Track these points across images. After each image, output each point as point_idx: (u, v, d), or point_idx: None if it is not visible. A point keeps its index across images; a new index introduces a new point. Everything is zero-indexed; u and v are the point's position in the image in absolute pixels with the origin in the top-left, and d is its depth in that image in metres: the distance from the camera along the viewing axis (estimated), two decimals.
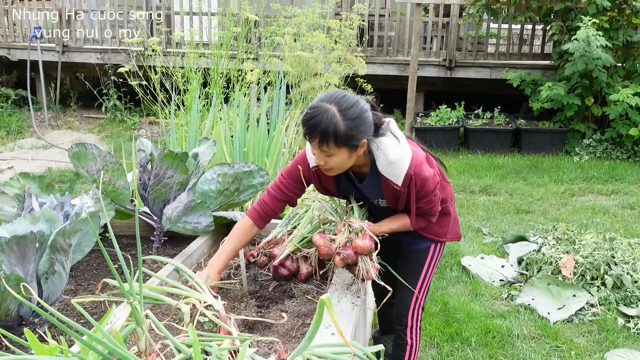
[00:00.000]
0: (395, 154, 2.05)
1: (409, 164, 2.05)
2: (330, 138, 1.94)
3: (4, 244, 1.75)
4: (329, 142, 1.95)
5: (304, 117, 1.99)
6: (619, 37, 6.83)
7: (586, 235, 4.11)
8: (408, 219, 2.21)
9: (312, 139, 1.98)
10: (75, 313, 2.16)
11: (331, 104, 1.96)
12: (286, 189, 2.28)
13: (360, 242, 2.10)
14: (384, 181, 2.11)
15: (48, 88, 8.66)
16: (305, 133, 2.00)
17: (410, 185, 2.07)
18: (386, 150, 2.06)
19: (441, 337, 3.21)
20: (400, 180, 2.06)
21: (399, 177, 2.05)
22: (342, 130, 1.94)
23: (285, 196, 2.28)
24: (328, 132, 1.93)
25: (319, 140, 1.96)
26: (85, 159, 2.57)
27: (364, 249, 2.10)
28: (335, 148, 1.97)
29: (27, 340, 1.40)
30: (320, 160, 2.04)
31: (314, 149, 2.03)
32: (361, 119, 1.97)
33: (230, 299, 2.30)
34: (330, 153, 1.99)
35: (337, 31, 5.12)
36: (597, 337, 3.23)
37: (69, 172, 6.25)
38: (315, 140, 1.97)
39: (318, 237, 2.18)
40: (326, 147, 1.97)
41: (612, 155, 6.95)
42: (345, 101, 1.97)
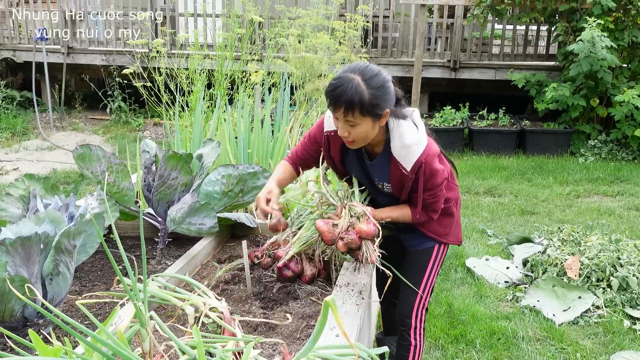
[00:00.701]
0: (411, 138, 2.07)
1: (422, 151, 2.07)
2: (355, 107, 1.95)
3: (9, 245, 1.75)
4: (355, 111, 1.96)
5: (328, 88, 2.01)
6: (624, 38, 6.80)
7: (592, 237, 4.09)
8: (409, 210, 2.21)
9: (337, 109, 1.99)
10: (80, 314, 2.16)
11: (355, 74, 1.98)
12: (305, 150, 2.36)
13: (364, 227, 2.09)
14: (393, 163, 2.11)
15: (53, 90, 8.69)
16: (330, 103, 2.01)
17: (419, 172, 2.08)
18: (403, 133, 2.08)
19: (446, 338, 3.20)
20: (410, 166, 2.07)
21: (410, 162, 2.06)
22: (367, 98, 1.96)
23: (306, 156, 2.37)
24: (353, 100, 1.95)
25: (344, 109, 1.97)
26: (89, 160, 2.57)
27: (368, 234, 2.09)
28: (360, 117, 1.98)
29: (32, 342, 1.40)
30: (344, 132, 2.05)
31: (338, 121, 2.05)
32: (384, 87, 2.00)
33: (234, 301, 2.30)
34: (355, 122, 2.00)
35: (341, 32, 5.12)
36: (603, 339, 3.21)
37: (73, 173, 6.26)
38: (340, 110, 1.98)
39: (322, 223, 2.16)
40: (352, 116, 1.98)
41: (618, 157, 6.92)
42: (369, 71, 1.99)
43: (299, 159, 2.39)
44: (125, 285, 1.60)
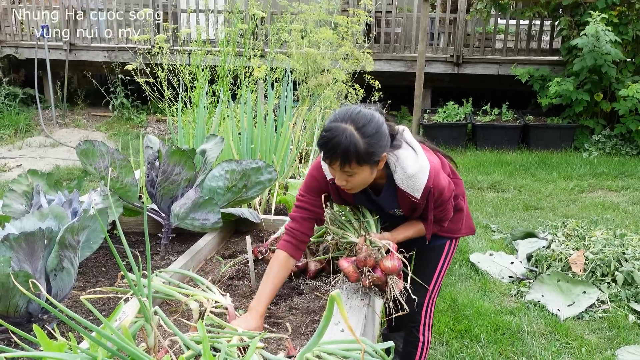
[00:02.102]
0: (413, 167, 2.01)
1: (427, 177, 2.02)
2: (352, 158, 1.88)
3: (13, 240, 1.74)
4: (351, 163, 1.90)
5: (321, 140, 1.92)
6: (629, 32, 6.77)
7: (596, 232, 4.08)
8: (422, 225, 2.19)
9: (332, 162, 1.92)
10: (84, 309, 2.15)
11: (347, 123, 1.89)
12: (310, 205, 2.19)
13: (389, 264, 2.06)
14: (400, 193, 2.08)
15: (55, 86, 8.69)
16: (325, 157, 1.93)
17: (429, 197, 2.05)
18: (404, 163, 2.01)
19: (450, 333, 3.20)
20: (419, 194, 2.03)
21: (418, 190, 2.02)
22: (363, 148, 1.88)
23: (311, 213, 2.19)
24: (349, 152, 1.87)
25: (340, 162, 1.90)
26: (93, 156, 2.56)
27: (392, 271, 2.07)
28: (357, 167, 1.92)
29: (36, 337, 1.40)
30: (342, 181, 1.98)
31: (334, 171, 1.97)
32: (379, 133, 1.92)
33: (238, 296, 2.30)
34: (353, 172, 1.94)
35: (344, 27, 5.10)
36: (608, 334, 3.20)
37: (76, 169, 6.27)
38: (336, 163, 1.91)
39: (346, 264, 2.11)
40: (348, 167, 1.91)
41: (622, 151, 6.89)
42: (362, 118, 1.91)
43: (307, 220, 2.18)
44: (129, 281, 1.60)
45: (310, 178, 2.20)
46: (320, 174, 2.16)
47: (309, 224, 2.20)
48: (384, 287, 2.12)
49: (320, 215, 2.22)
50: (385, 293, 2.12)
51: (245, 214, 2.91)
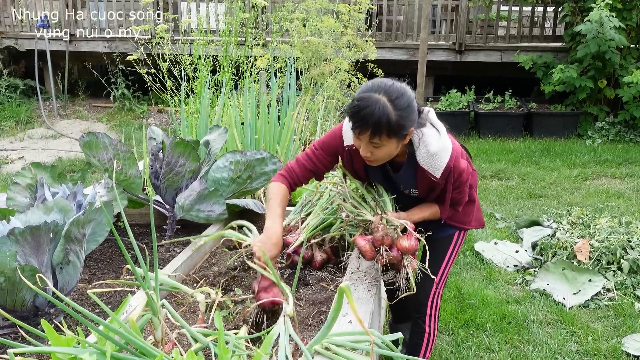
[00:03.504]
0: (436, 146, 2.01)
1: (449, 157, 2.01)
2: (383, 130, 1.86)
3: (18, 234, 1.73)
4: (382, 135, 1.88)
5: (352, 109, 1.90)
6: (633, 18, 6.71)
7: (601, 220, 4.06)
8: (437, 207, 2.18)
9: (362, 132, 1.89)
10: (91, 303, 2.15)
11: (380, 94, 1.87)
12: (318, 160, 2.19)
13: (406, 244, 2.05)
14: (420, 172, 2.06)
15: (56, 78, 8.65)
16: (355, 126, 1.90)
17: (448, 177, 2.04)
18: (428, 141, 2.01)
19: (456, 323, 3.19)
20: (439, 173, 2.02)
21: (439, 169, 2.01)
22: (394, 120, 1.86)
23: (315, 167, 2.20)
24: (381, 124, 1.85)
25: (370, 133, 1.88)
26: (96, 148, 2.55)
27: (409, 250, 2.06)
28: (386, 139, 1.90)
29: (44, 331, 1.39)
30: (367, 152, 1.96)
31: (360, 141, 1.95)
32: (410, 107, 1.91)
33: (244, 288, 2.29)
34: (380, 145, 1.92)
35: (346, 16, 5.06)
36: (614, 322, 3.19)
37: (79, 161, 6.25)
38: (366, 133, 1.89)
39: (363, 242, 2.10)
40: (378, 139, 1.89)
41: (626, 138, 6.86)
42: (395, 90, 1.89)
43: (308, 170, 2.21)
44: (136, 274, 1.59)
45: (330, 137, 2.19)
46: (340, 139, 2.15)
47: (308, 175, 2.22)
48: (398, 266, 2.09)
49: (322, 173, 2.24)
50: (399, 272, 2.10)
51: (250, 205, 2.90)
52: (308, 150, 2.23)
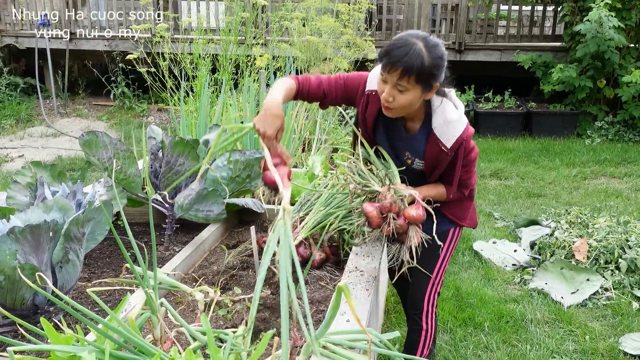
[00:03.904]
0: (454, 114, 2.04)
1: (463, 129, 2.04)
2: (413, 72, 1.88)
3: (18, 233, 1.74)
4: (411, 77, 1.89)
5: (387, 47, 1.93)
6: (632, 18, 6.72)
7: (599, 219, 4.07)
8: (444, 188, 2.18)
9: (392, 71, 1.90)
10: (90, 301, 2.16)
11: (417, 39, 1.91)
12: (334, 86, 2.17)
13: (414, 212, 2.04)
14: (432, 140, 2.08)
15: (56, 76, 8.66)
16: (387, 64, 1.91)
17: (459, 150, 2.06)
18: (446, 108, 2.04)
19: (454, 322, 3.20)
20: (451, 143, 2.04)
21: (451, 139, 2.03)
22: (427, 65, 1.89)
23: (328, 90, 2.17)
24: (413, 65, 1.87)
25: (400, 72, 1.89)
26: (96, 147, 2.56)
27: (416, 219, 2.05)
28: (413, 84, 1.91)
29: (43, 329, 1.40)
30: (389, 96, 1.96)
31: (386, 84, 1.96)
32: (443, 60, 1.95)
33: (243, 287, 2.30)
34: (406, 89, 1.93)
35: (346, 15, 5.07)
36: (612, 322, 3.21)
37: (79, 159, 6.26)
38: (395, 73, 1.90)
39: (370, 208, 2.08)
40: (406, 81, 1.90)
41: (625, 138, 6.87)
42: (431, 40, 1.94)
43: (320, 89, 2.16)
44: (135, 273, 1.60)
45: (356, 76, 2.20)
46: (363, 82, 2.16)
47: (318, 92, 2.17)
48: (403, 238, 2.09)
49: (330, 101, 2.21)
50: (402, 245, 2.09)
51: (249, 204, 2.91)
52: (331, 76, 2.22)
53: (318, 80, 2.17)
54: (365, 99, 2.15)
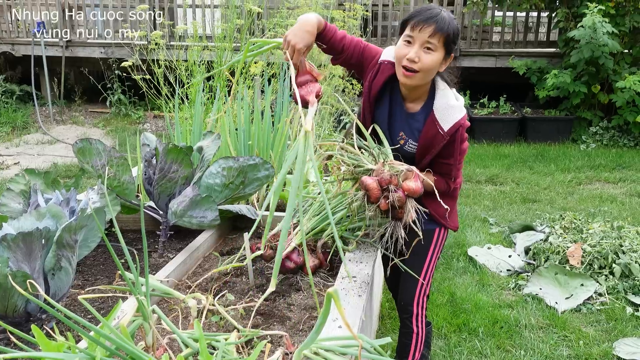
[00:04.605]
0: (455, 103, 2.13)
1: (462, 116, 2.13)
2: (445, 30, 2.00)
3: (11, 240, 1.75)
4: (442, 34, 2.00)
5: (419, 9, 2.06)
6: (626, 24, 6.77)
7: (594, 224, 4.09)
8: (433, 176, 2.22)
9: (425, 27, 2.00)
10: (83, 308, 2.16)
11: (440, 9, 2.06)
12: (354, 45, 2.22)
13: (412, 185, 2.04)
14: (430, 122, 2.13)
15: (52, 83, 8.67)
16: (418, 22, 2.01)
17: (455, 135, 2.12)
18: (450, 94, 2.14)
19: (449, 328, 3.21)
20: (449, 126, 2.10)
21: (449, 122, 2.10)
22: (453, 30, 2.03)
23: (348, 46, 2.21)
24: (444, 24, 2.00)
25: (434, 29, 1.99)
26: (90, 154, 2.56)
27: (415, 192, 2.05)
28: (441, 44, 2.02)
29: (35, 337, 1.40)
30: (416, 56, 2.03)
31: (411, 45, 2.04)
32: (459, 32, 2.10)
33: (236, 293, 2.30)
34: (435, 47, 2.02)
35: (340, 22, 5.09)
36: (606, 327, 3.21)
37: (74, 166, 6.27)
38: (428, 29, 2.00)
39: (370, 180, 2.07)
40: (436, 38, 2.00)
41: (619, 143, 6.90)
42: (450, 14, 2.08)
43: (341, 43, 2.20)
44: (127, 280, 1.60)
45: (374, 47, 2.28)
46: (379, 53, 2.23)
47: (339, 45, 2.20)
48: (400, 214, 2.08)
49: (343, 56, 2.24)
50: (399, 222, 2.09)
51: (243, 210, 2.91)
52: (353, 37, 2.29)
53: (342, 34, 2.24)
54: (377, 67, 2.21)
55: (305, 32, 2.06)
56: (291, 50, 2.06)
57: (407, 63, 2.05)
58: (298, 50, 2.04)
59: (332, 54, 2.29)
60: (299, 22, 2.08)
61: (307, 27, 2.07)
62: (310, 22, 2.08)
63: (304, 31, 2.05)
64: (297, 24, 2.09)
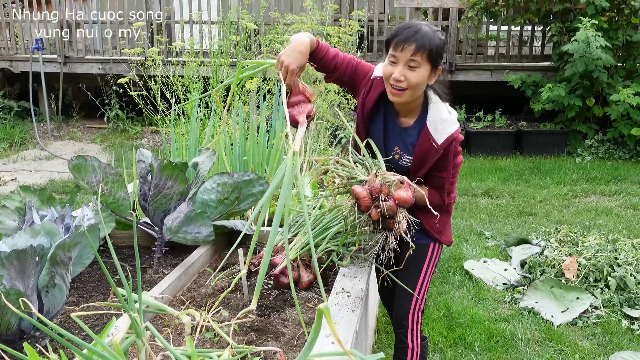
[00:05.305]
0: (448, 116, 2.15)
1: (455, 129, 2.14)
2: (426, 47, 2.01)
3: (4, 258, 1.75)
4: (424, 52, 2.02)
5: (399, 28, 2.06)
6: (619, 37, 6.83)
7: (589, 237, 4.10)
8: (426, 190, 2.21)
9: (406, 47, 2.02)
10: (77, 326, 2.16)
11: (421, 24, 2.08)
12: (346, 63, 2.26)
13: (403, 194, 2.05)
14: (423, 136, 2.15)
15: (50, 99, 8.70)
16: (399, 41, 2.03)
17: (448, 148, 2.13)
18: (442, 109, 2.16)
19: (445, 342, 3.21)
20: (442, 139, 2.11)
21: (443, 136, 2.12)
22: (435, 44, 2.03)
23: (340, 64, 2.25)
24: (425, 40, 2.01)
25: (415, 47, 2.01)
26: (85, 171, 2.58)
27: (406, 201, 2.05)
28: (425, 61, 2.04)
29: (27, 355, 1.40)
30: (401, 75, 2.06)
31: (396, 65, 2.06)
32: (444, 44, 2.10)
33: (231, 309, 2.31)
34: (418, 65, 2.04)
35: (336, 38, 5.13)
36: (602, 340, 3.21)
37: (71, 182, 6.27)
38: (409, 48, 2.01)
39: (360, 189, 2.08)
40: (419, 56, 2.02)
41: (615, 156, 6.93)
42: (433, 26, 2.10)
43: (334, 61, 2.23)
44: (119, 296, 1.61)
45: (367, 64, 2.32)
46: (371, 70, 2.27)
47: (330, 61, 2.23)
48: (390, 224, 2.08)
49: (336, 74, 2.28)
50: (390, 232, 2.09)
51: (238, 226, 2.92)
52: (346, 54, 2.32)
53: (335, 52, 2.26)
54: (370, 84, 2.24)
55: (298, 52, 2.08)
56: (284, 71, 2.09)
57: (393, 82, 2.09)
58: (291, 71, 2.07)
59: (324, 72, 2.32)
60: (292, 43, 2.11)
61: (300, 47, 2.09)
62: (303, 42, 2.11)
63: (297, 52, 2.08)
64: (291, 44, 2.11)
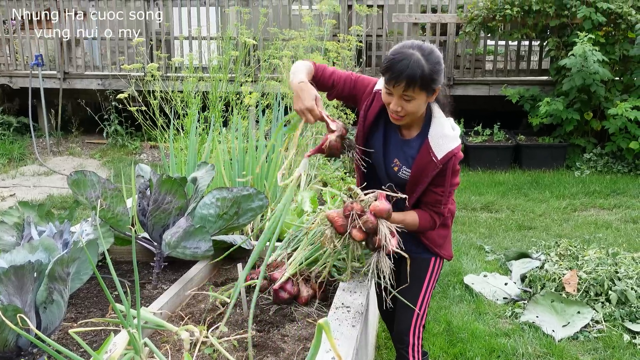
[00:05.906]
0: (450, 132, 2.15)
1: (456, 146, 2.14)
2: (416, 82, 2.00)
3: (2, 274, 1.74)
4: (415, 87, 2.01)
5: (387, 63, 2.04)
6: (616, 52, 6.87)
7: (589, 251, 4.09)
8: (416, 215, 2.22)
9: (397, 85, 2.02)
10: (75, 342, 2.14)
11: (414, 49, 2.03)
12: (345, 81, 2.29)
13: (379, 204, 2.05)
14: (424, 149, 2.15)
15: (49, 115, 8.72)
16: (390, 78, 2.03)
17: (447, 164, 2.13)
18: (445, 124, 2.15)
19: (445, 357, 3.18)
20: (442, 155, 2.11)
21: (444, 150, 2.11)
22: (427, 73, 2.01)
23: (337, 81, 2.28)
24: (415, 76, 1.99)
25: (405, 84, 2.01)
26: (84, 186, 2.58)
27: (382, 210, 2.04)
28: (418, 92, 2.03)
29: None
30: (397, 107, 2.07)
31: (392, 96, 2.07)
32: (440, 64, 2.07)
33: (230, 324, 2.29)
34: (411, 98, 2.04)
35: (334, 53, 5.16)
36: (603, 355, 3.19)
37: (70, 197, 6.27)
38: (400, 85, 2.01)
39: (333, 212, 2.10)
40: (411, 91, 2.02)
41: (613, 169, 6.94)
42: (426, 47, 2.06)
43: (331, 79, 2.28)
44: (118, 312, 1.60)
45: (368, 78, 2.32)
46: (372, 83, 2.28)
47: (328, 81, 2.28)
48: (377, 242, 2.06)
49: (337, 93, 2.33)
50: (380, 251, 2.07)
51: (237, 240, 2.91)
52: (344, 71, 2.34)
53: (331, 71, 2.29)
54: (372, 96, 2.26)
55: (305, 92, 2.10)
56: (310, 115, 2.11)
57: (392, 112, 2.12)
58: (310, 108, 2.09)
59: (323, 90, 2.34)
60: (295, 90, 2.12)
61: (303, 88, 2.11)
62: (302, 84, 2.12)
63: (304, 92, 2.10)
64: (295, 92, 2.13)
